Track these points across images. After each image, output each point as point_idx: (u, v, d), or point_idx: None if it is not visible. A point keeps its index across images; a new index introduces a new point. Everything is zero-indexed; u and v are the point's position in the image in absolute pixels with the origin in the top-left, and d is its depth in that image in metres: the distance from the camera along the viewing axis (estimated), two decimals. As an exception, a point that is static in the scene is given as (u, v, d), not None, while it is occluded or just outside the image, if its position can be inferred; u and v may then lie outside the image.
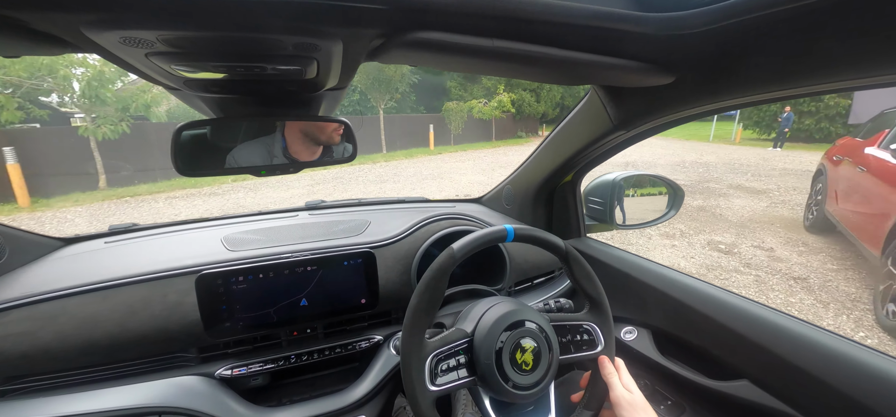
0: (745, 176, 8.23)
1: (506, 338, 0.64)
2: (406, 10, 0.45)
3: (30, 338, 0.75)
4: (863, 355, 0.63)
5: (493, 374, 0.62)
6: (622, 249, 1.16)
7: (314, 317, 0.89)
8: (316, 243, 0.98)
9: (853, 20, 0.42)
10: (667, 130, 0.85)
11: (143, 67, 0.53)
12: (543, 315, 0.71)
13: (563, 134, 1.08)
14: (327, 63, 0.55)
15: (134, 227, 1.17)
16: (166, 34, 0.43)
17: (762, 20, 0.47)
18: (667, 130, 0.85)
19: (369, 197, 1.51)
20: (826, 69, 0.49)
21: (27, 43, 0.44)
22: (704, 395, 0.85)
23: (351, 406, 0.86)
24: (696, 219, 5.25)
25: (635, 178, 1.20)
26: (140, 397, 0.75)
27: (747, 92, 0.60)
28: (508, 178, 1.41)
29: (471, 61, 0.57)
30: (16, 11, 0.37)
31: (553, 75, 0.68)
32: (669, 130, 0.85)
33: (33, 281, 0.84)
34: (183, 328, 0.82)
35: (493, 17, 0.48)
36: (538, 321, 0.68)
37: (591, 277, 0.75)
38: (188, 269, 0.87)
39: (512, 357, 0.63)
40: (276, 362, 0.88)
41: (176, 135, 0.69)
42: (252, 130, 0.77)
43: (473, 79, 20.16)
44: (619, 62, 0.59)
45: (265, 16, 0.41)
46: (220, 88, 0.67)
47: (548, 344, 0.67)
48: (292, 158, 0.80)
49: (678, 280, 0.95)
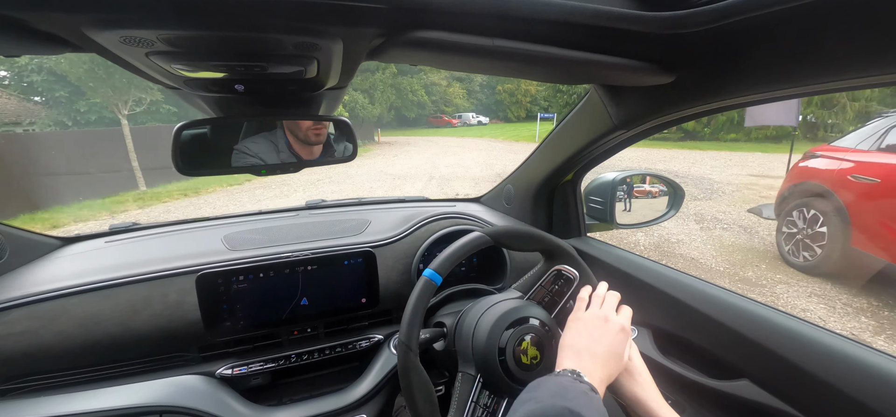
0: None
1: (507, 337, 0.64)
2: (406, 10, 0.45)
3: (31, 337, 0.75)
4: (864, 354, 0.63)
5: (501, 379, 0.62)
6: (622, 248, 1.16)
7: (314, 316, 0.89)
8: (316, 243, 0.98)
9: (854, 20, 0.42)
10: (666, 129, 0.85)
11: (144, 66, 0.53)
12: (532, 304, 0.71)
13: (563, 133, 1.08)
14: (327, 62, 0.55)
15: (134, 226, 1.17)
16: (166, 34, 0.43)
17: (762, 20, 0.46)
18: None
19: (369, 196, 1.51)
20: (826, 69, 0.49)
21: (28, 42, 0.44)
22: (705, 394, 0.85)
23: (351, 405, 0.86)
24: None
25: (635, 177, 1.20)
26: (141, 396, 0.75)
27: (747, 92, 0.60)
28: (509, 177, 1.41)
29: (471, 61, 0.57)
30: (17, 11, 0.37)
31: (553, 75, 0.68)
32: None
33: (34, 281, 0.84)
34: (184, 327, 0.82)
35: (493, 16, 0.48)
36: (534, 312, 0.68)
37: (540, 238, 0.76)
38: (189, 268, 0.87)
39: (516, 357, 0.63)
40: (277, 361, 0.88)
41: (176, 134, 0.69)
42: (252, 129, 0.77)
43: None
44: (619, 61, 0.59)
45: (265, 15, 0.41)
46: (220, 87, 0.67)
47: (547, 332, 0.67)
48: (293, 157, 0.80)
49: (678, 280, 0.95)
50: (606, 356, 0.57)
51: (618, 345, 0.59)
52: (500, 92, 42.40)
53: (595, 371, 0.55)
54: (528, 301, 0.71)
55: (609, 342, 0.59)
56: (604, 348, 0.58)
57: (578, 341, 0.59)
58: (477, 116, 39.94)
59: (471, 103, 44.34)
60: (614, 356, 0.58)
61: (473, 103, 44.88)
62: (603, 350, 0.58)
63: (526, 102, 41.22)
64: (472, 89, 43.63)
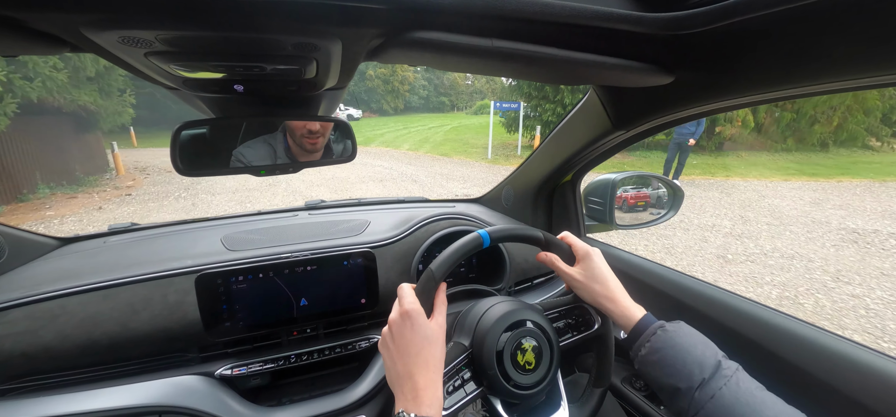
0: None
1: (506, 340, 0.64)
2: (405, 10, 0.45)
3: (31, 337, 0.75)
4: (863, 355, 0.63)
5: (497, 378, 0.62)
6: (622, 249, 1.16)
7: (314, 317, 0.89)
8: (316, 243, 0.98)
9: (854, 20, 0.42)
10: (666, 130, 0.85)
11: (142, 66, 0.53)
12: (537, 310, 0.71)
13: (562, 134, 1.08)
14: (326, 63, 0.55)
15: (133, 227, 1.17)
16: (165, 34, 0.43)
17: (762, 20, 0.46)
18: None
19: (369, 197, 1.51)
20: (827, 70, 0.49)
21: (26, 42, 0.44)
22: None
23: (351, 405, 0.86)
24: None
25: (635, 178, 1.20)
26: (140, 396, 0.75)
27: (747, 92, 0.60)
28: (508, 178, 1.41)
29: (470, 61, 0.57)
30: (15, 11, 0.37)
31: (552, 75, 0.68)
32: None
33: (33, 281, 0.84)
34: (184, 327, 0.82)
35: (492, 17, 0.48)
36: (535, 317, 0.68)
37: (558, 245, 0.74)
38: (188, 269, 0.87)
39: (513, 359, 0.63)
40: (276, 362, 0.88)
41: (175, 134, 0.69)
42: (251, 129, 0.77)
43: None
44: (618, 62, 0.59)
45: (264, 16, 0.41)
46: (219, 87, 0.67)
47: (547, 339, 0.67)
48: (292, 157, 0.80)
49: (677, 280, 0.95)
50: (417, 359, 0.53)
51: (418, 335, 0.54)
52: (371, 78, 34.00)
53: (417, 392, 0.51)
54: (528, 304, 0.71)
55: (411, 341, 0.54)
56: (413, 354, 0.53)
57: (391, 368, 0.55)
58: (346, 109, 29.01)
59: (337, 91, 37.15)
60: (425, 347, 0.53)
61: (339, 91, 37.52)
62: (413, 356, 0.53)
63: (404, 90, 34.71)
64: (334, 71, 36.42)
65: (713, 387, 0.51)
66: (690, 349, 0.56)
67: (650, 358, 0.58)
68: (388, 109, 35.22)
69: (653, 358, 0.58)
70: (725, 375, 0.52)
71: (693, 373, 0.53)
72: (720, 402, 0.50)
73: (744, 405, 0.49)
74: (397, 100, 35.75)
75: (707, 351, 0.56)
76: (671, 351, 0.56)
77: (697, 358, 0.54)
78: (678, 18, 0.51)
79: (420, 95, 37.82)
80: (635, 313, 0.64)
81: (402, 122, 26.48)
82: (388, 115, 34.37)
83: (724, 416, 0.49)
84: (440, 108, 42.83)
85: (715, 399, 0.50)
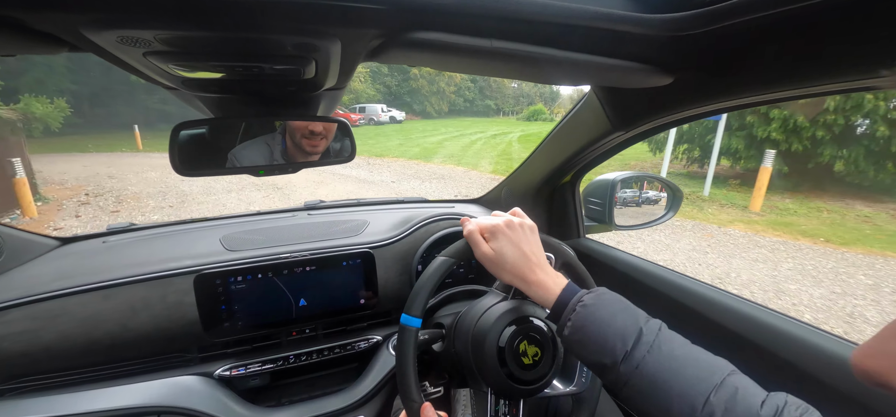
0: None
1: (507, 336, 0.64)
2: (405, 11, 0.45)
3: (30, 337, 0.75)
4: None
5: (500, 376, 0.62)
6: (621, 250, 1.16)
7: (313, 317, 0.89)
8: (315, 244, 0.98)
9: (855, 21, 0.42)
10: (666, 130, 0.85)
11: (141, 66, 0.53)
12: (531, 304, 0.70)
13: (561, 135, 1.08)
14: (326, 63, 0.55)
15: (132, 227, 1.17)
16: (164, 34, 0.43)
17: (762, 20, 0.46)
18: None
19: (368, 197, 1.51)
20: (827, 70, 0.49)
21: (25, 42, 0.44)
22: None
23: (350, 406, 0.86)
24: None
25: (634, 179, 1.20)
26: (140, 396, 0.74)
27: (747, 93, 0.60)
28: (508, 178, 1.41)
29: (470, 62, 0.57)
30: (13, 11, 0.37)
31: (552, 76, 0.68)
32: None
33: (33, 281, 0.84)
34: (183, 328, 0.82)
35: (492, 17, 0.47)
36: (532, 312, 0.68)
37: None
38: (187, 269, 0.87)
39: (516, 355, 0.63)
40: (276, 362, 0.88)
41: (174, 134, 0.69)
42: (251, 129, 0.77)
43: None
44: (618, 63, 0.59)
45: (263, 16, 0.41)
46: (218, 87, 0.67)
47: (551, 340, 0.66)
48: (291, 158, 0.80)
49: (676, 281, 0.95)
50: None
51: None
52: (415, 77, 29.27)
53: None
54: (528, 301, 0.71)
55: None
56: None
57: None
58: (389, 110, 27.01)
59: (377, 89, 30.59)
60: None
61: (380, 89, 30.89)
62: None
63: (450, 91, 31.22)
64: (376, 70, 29.21)
65: (636, 357, 0.50)
66: (610, 321, 0.54)
67: (573, 337, 0.55)
68: (432, 112, 32.76)
69: (576, 337, 0.55)
70: (647, 341, 0.51)
71: (616, 347, 0.52)
72: (645, 370, 0.50)
73: (666, 370, 0.49)
74: (442, 102, 33.41)
75: (628, 320, 0.54)
76: (593, 327, 0.54)
77: (619, 330, 0.53)
78: (678, 19, 0.51)
79: (466, 96, 34.90)
80: (553, 288, 0.59)
81: (454, 126, 24.06)
82: (431, 117, 31.64)
83: (650, 383, 0.49)
84: (486, 112, 39.53)
85: (639, 368, 0.50)
